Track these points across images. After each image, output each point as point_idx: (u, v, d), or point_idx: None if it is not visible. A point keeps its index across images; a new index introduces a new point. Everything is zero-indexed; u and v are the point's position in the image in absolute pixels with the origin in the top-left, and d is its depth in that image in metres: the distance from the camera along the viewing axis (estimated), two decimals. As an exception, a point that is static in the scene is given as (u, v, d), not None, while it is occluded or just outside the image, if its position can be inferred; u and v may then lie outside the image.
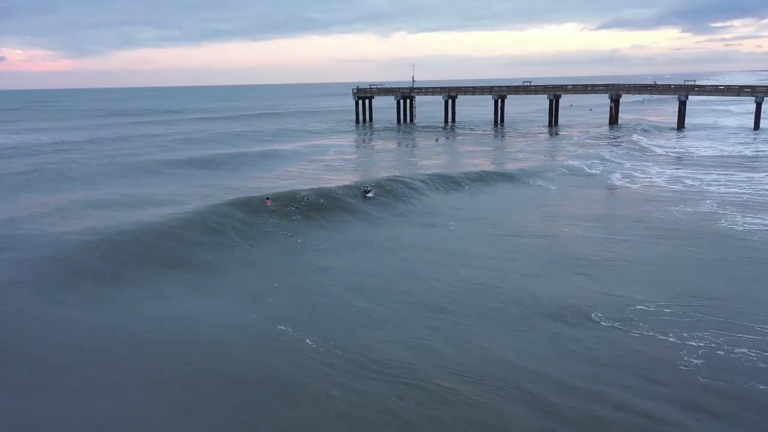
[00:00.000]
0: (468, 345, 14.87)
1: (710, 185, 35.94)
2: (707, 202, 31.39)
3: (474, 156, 48.99)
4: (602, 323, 16.13)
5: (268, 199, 28.53)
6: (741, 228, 25.54)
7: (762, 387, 12.36)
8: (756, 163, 44.66)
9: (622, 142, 59.04)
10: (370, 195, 30.86)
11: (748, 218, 27.29)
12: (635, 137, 61.67)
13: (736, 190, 34.48)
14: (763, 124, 70.00)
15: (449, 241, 24.07)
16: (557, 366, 13.73)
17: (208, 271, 20.47)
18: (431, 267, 20.70)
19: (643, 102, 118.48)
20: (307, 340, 14.64)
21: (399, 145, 60.17)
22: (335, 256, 22.32)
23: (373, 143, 61.09)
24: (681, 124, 74.91)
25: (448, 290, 18.63)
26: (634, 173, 40.70)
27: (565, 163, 43.47)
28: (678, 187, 35.92)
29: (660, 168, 43.16)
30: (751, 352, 13.89)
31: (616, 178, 38.64)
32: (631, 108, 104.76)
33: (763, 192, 33.57)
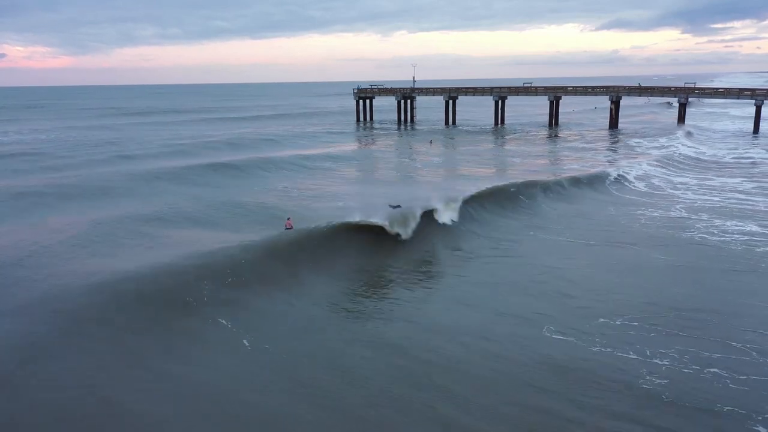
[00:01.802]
0: (402, 359, 14.92)
1: (709, 191, 36.03)
2: (679, 207, 31.78)
3: (479, 164, 48.51)
4: (554, 336, 16.10)
5: (288, 219, 25.53)
6: (720, 237, 25.69)
7: (727, 408, 12.45)
8: (754, 169, 44.66)
9: (620, 145, 59.20)
10: (395, 208, 27.09)
11: (729, 225, 27.53)
12: (634, 141, 61.80)
13: (719, 196, 34.67)
14: (763, 127, 70.05)
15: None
16: (498, 387, 13.64)
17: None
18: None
19: (670, 104, 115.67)
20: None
21: (407, 149, 59.45)
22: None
23: (379, 149, 59.96)
24: (681, 123, 75.06)
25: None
26: (626, 176, 40.75)
27: (565, 169, 43.54)
28: (662, 191, 36.22)
29: (646, 170, 43.18)
30: (723, 372, 13.97)
31: (612, 185, 38.67)
32: (641, 110, 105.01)
33: (748, 199, 33.65)
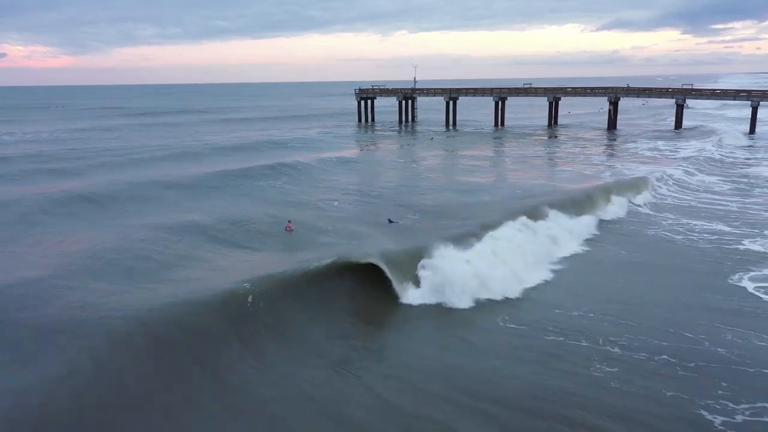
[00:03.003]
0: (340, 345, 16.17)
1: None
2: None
3: (479, 169, 49.37)
4: (509, 325, 17.57)
5: (289, 222, 26.38)
6: (686, 236, 27.29)
7: (669, 393, 13.83)
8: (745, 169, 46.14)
9: (615, 146, 60.89)
10: (392, 223, 27.82)
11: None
12: (629, 143, 63.49)
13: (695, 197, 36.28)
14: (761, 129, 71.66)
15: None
16: (447, 375, 14.72)
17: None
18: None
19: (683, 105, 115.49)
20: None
21: (412, 152, 60.18)
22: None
23: (392, 152, 60.35)
24: (678, 126, 76.58)
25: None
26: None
27: (557, 170, 45.17)
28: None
29: (630, 167, 45.15)
30: (672, 359, 15.43)
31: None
32: (651, 111, 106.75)
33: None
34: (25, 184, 38.03)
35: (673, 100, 78.03)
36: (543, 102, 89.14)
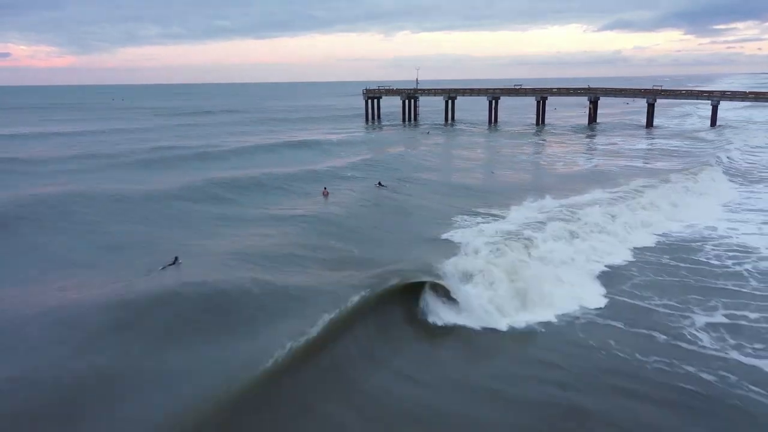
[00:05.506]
0: None
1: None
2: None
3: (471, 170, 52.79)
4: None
5: (325, 188, 34.10)
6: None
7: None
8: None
9: (596, 141, 74.10)
10: (383, 185, 37.32)
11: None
12: (605, 138, 76.28)
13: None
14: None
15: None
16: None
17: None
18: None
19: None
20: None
21: (409, 143, 69.49)
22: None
23: (389, 147, 66.75)
24: (650, 123, 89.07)
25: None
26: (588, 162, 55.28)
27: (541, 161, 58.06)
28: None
29: (588, 159, 57.60)
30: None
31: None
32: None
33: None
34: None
35: (645, 99, 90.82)
36: (532, 101, 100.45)
